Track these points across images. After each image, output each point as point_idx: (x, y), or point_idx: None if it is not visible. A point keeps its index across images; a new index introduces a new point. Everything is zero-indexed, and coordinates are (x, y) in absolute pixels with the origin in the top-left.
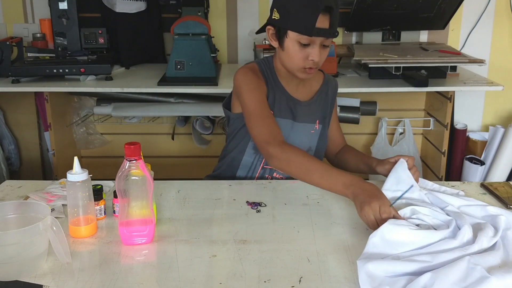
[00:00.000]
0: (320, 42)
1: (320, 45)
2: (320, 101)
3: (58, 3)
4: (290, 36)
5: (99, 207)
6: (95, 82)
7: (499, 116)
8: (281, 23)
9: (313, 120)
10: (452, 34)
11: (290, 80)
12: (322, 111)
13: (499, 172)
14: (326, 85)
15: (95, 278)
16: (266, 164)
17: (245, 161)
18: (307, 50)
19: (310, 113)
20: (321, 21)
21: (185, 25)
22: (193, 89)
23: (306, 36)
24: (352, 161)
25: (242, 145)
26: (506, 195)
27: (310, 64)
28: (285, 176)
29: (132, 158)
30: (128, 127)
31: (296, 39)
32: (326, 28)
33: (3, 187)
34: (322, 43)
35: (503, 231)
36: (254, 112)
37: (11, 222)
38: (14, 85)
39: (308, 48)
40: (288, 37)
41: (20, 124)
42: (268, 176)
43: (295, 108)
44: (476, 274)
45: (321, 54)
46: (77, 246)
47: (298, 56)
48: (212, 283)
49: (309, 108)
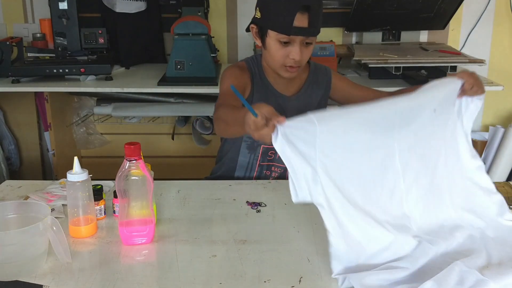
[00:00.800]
0: (301, 41)
1: (301, 44)
2: (310, 91)
3: (58, 3)
4: (270, 34)
5: (99, 207)
6: (95, 82)
7: (499, 116)
8: (262, 22)
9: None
10: (452, 34)
11: (277, 77)
12: (313, 102)
13: (499, 172)
14: (315, 74)
15: (95, 278)
16: (262, 161)
17: (241, 161)
18: (288, 49)
19: (302, 105)
20: (299, 20)
21: (185, 25)
22: (193, 89)
23: (285, 35)
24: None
25: (236, 146)
26: (506, 195)
27: (291, 63)
28: (283, 170)
29: (132, 158)
30: (128, 127)
31: (276, 38)
32: (305, 27)
33: (3, 187)
34: (303, 41)
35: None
36: (223, 91)
37: (11, 222)
38: (14, 85)
39: (289, 46)
40: (268, 35)
41: (20, 124)
42: (266, 172)
43: (284, 104)
44: (472, 278)
45: (303, 53)
46: (77, 246)
47: (278, 54)
48: (212, 283)
49: (298, 101)
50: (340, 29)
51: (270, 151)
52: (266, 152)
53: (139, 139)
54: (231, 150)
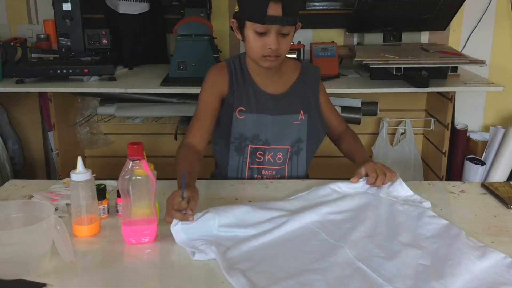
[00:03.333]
0: (277, 30)
1: (278, 33)
2: (299, 91)
3: (62, 4)
4: (247, 26)
5: (102, 207)
6: (98, 82)
7: (499, 117)
8: (240, 14)
9: (295, 111)
10: (453, 35)
11: (263, 75)
12: (304, 101)
13: (500, 172)
14: (304, 75)
15: (98, 277)
16: (251, 164)
17: (232, 165)
18: (264, 39)
19: (289, 104)
20: (273, 9)
21: (188, 26)
22: (195, 90)
23: (260, 25)
24: (345, 149)
25: (224, 149)
26: (506, 195)
27: (269, 52)
28: (275, 172)
29: (135, 158)
30: (131, 127)
31: (252, 28)
32: (279, 16)
33: (7, 186)
34: (279, 31)
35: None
36: (195, 111)
37: (15, 222)
38: (18, 85)
39: (265, 36)
40: (246, 27)
41: (24, 124)
42: (257, 176)
43: (268, 101)
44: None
45: (281, 43)
46: (81, 245)
47: (256, 45)
48: (214, 282)
49: (287, 99)
50: (341, 30)
51: (258, 151)
52: (254, 153)
53: (142, 139)
54: (221, 154)
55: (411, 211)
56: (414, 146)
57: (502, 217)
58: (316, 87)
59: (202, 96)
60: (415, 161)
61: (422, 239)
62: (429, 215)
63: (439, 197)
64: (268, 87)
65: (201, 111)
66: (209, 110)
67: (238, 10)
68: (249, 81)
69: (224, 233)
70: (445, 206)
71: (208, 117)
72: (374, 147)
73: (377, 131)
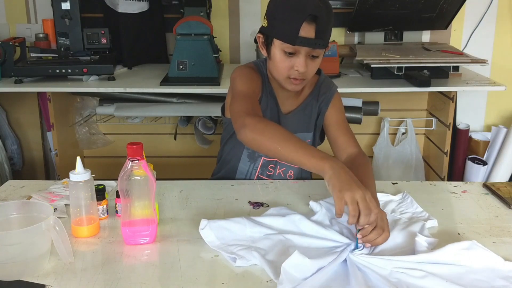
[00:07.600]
0: (306, 52)
1: (307, 56)
2: (308, 108)
3: (61, 4)
4: (275, 44)
5: (101, 207)
6: (97, 82)
7: (501, 116)
8: (268, 30)
9: (306, 129)
10: (454, 34)
11: (279, 89)
12: (311, 119)
13: (502, 172)
14: (318, 90)
15: (97, 278)
16: (261, 174)
17: (241, 168)
18: (293, 60)
19: (299, 123)
20: (306, 30)
21: (188, 25)
22: (195, 89)
23: (290, 45)
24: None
25: (237, 152)
26: (508, 195)
27: (296, 75)
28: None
29: (134, 158)
30: (131, 127)
31: (281, 48)
32: (311, 38)
33: (5, 187)
34: (308, 53)
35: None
36: (241, 92)
37: (14, 222)
38: (17, 85)
39: (293, 57)
40: (274, 45)
41: (23, 124)
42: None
43: (280, 120)
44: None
45: (309, 65)
46: (80, 246)
47: (283, 65)
48: (214, 283)
49: (295, 117)
50: (342, 29)
51: (270, 164)
52: (266, 166)
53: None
54: (231, 155)
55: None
56: (415, 146)
57: (504, 218)
58: (326, 105)
59: (246, 81)
60: (416, 161)
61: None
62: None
63: (441, 197)
64: (284, 105)
65: (252, 92)
66: (257, 92)
67: (267, 25)
68: (270, 89)
69: (258, 234)
70: (446, 207)
71: (257, 98)
72: (375, 147)
73: (378, 131)
